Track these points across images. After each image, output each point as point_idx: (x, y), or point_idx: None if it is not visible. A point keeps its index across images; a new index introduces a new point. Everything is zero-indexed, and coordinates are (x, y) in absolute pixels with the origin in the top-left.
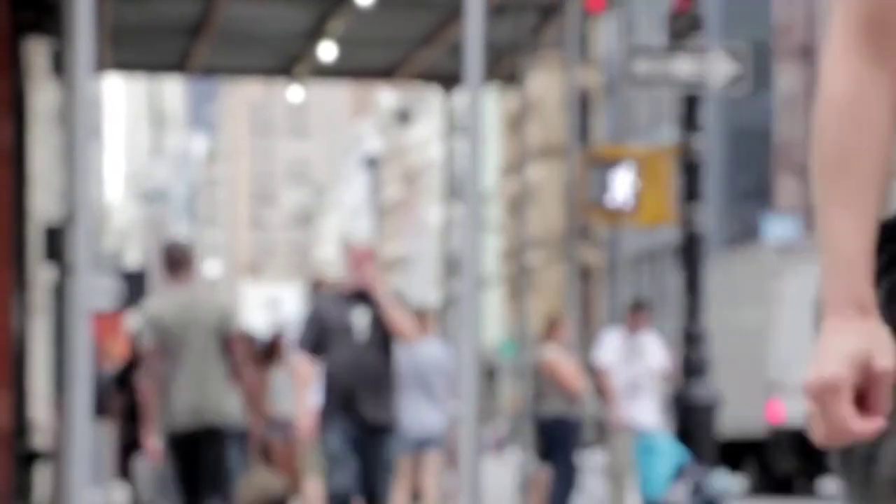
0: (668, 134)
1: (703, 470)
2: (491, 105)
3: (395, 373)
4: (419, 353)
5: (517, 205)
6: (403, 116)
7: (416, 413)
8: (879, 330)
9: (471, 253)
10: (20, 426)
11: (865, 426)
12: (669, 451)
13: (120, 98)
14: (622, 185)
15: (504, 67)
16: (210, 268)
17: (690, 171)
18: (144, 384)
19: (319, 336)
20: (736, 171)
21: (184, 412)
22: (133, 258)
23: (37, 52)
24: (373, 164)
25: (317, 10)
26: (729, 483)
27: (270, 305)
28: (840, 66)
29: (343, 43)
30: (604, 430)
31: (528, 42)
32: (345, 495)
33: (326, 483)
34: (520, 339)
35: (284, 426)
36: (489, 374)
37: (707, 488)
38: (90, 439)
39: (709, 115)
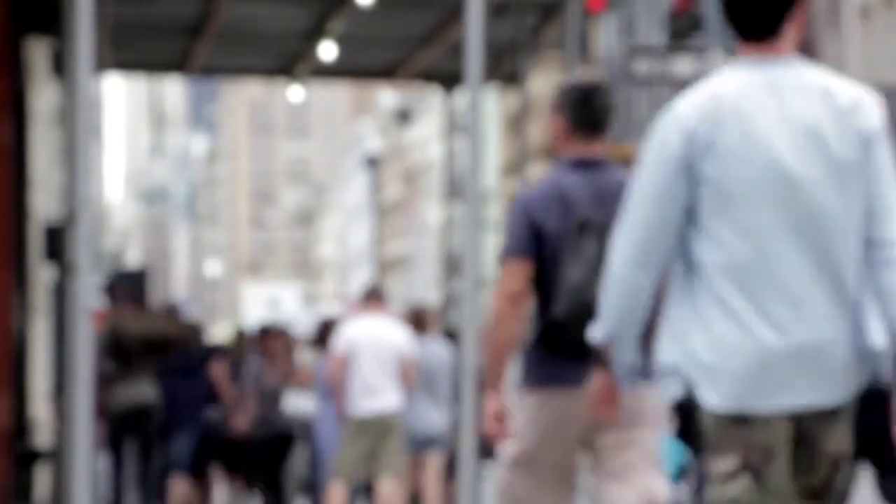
0: None
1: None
2: (491, 105)
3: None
4: (423, 352)
5: None
6: (403, 116)
7: (419, 412)
8: None
9: (471, 253)
10: (20, 426)
11: None
12: (670, 452)
13: (120, 98)
14: None
15: (504, 67)
16: (210, 267)
17: None
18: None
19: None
20: None
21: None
22: (133, 258)
23: (37, 52)
24: (373, 164)
25: (317, 10)
26: None
27: (270, 305)
28: None
29: (343, 43)
30: None
31: (528, 42)
32: None
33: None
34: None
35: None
36: None
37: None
38: (90, 439)
39: None
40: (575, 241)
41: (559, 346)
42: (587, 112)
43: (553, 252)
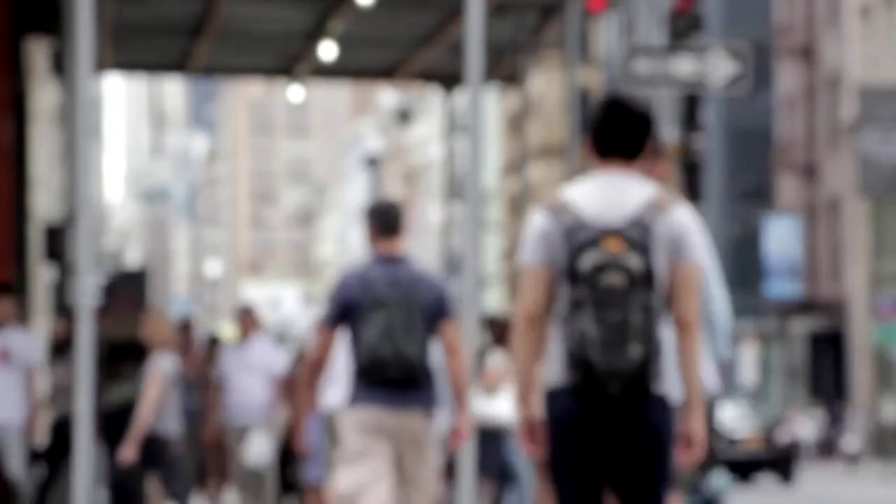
0: (668, 134)
1: (701, 470)
2: (491, 105)
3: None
4: None
5: (517, 205)
6: (403, 116)
7: None
8: None
9: (471, 253)
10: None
11: None
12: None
13: (120, 98)
14: None
15: (504, 67)
16: (210, 267)
17: (690, 171)
18: None
19: None
20: (736, 171)
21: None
22: (133, 258)
23: (37, 52)
24: (373, 163)
25: (317, 10)
26: (726, 482)
27: (271, 305)
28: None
29: (343, 43)
30: None
31: (528, 42)
32: None
33: None
34: None
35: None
36: None
37: (705, 488)
38: (90, 439)
39: (709, 115)
40: (370, 313)
41: (364, 381)
42: (384, 222)
43: (356, 320)
